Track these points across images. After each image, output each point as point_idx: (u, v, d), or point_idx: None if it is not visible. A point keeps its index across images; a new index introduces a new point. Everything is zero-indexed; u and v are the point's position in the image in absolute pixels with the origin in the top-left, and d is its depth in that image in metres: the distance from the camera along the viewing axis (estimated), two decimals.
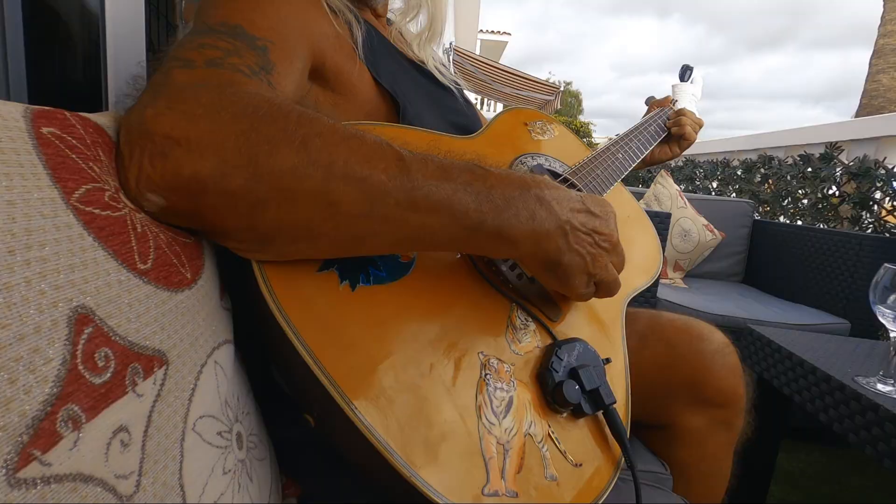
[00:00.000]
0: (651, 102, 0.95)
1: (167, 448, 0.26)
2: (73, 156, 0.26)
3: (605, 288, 0.45)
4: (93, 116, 0.31)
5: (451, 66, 0.75)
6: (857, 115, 6.61)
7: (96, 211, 0.26)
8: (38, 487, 0.18)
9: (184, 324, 0.30)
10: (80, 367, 0.21)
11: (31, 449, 0.18)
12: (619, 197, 0.70)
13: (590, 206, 0.43)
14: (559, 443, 0.41)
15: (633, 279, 0.62)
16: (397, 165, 0.33)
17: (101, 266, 0.24)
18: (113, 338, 0.23)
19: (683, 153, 0.90)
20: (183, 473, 0.27)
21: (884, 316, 0.80)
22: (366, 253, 0.37)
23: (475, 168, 0.37)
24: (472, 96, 0.73)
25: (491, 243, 0.37)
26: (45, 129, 0.25)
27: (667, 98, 0.93)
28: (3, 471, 0.17)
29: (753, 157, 2.85)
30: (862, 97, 6.66)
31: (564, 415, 0.43)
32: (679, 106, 0.91)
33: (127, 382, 0.23)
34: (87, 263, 0.23)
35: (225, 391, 0.34)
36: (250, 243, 0.33)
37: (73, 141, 0.27)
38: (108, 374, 0.22)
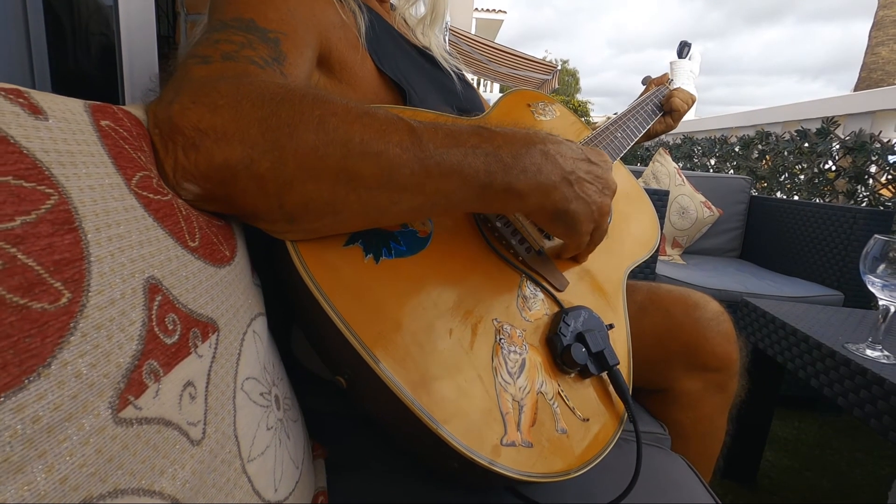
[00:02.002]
0: (648, 81, 0.97)
1: (223, 403, 0.29)
2: (126, 146, 0.29)
3: (599, 236, 0.49)
4: (131, 109, 0.34)
5: (447, 45, 0.76)
6: (857, 88, 6.56)
7: (150, 195, 0.29)
8: (134, 427, 0.21)
9: (227, 296, 0.33)
10: (156, 329, 0.24)
11: (127, 394, 0.21)
12: (617, 174, 0.73)
13: (590, 156, 0.46)
14: (568, 400, 0.45)
15: (634, 252, 0.65)
16: (409, 137, 0.35)
17: (162, 243, 0.27)
18: (177, 305, 0.26)
19: (682, 131, 0.92)
20: (237, 426, 0.30)
21: (873, 285, 0.84)
22: (388, 221, 0.40)
23: (481, 130, 0.39)
24: (469, 77, 0.76)
25: (501, 199, 0.40)
26: (103, 122, 0.27)
27: (664, 76, 0.95)
28: (110, 411, 0.20)
29: (751, 133, 2.86)
30: (861, 70, 6.60)
31: (572, 375, 0.46)
32: (677, 83, 0.93)
33: (190, 344, 0.27)
34: (151, 241, 0.26)
35: (263, 358, 0.37)
36: (279, 223, 0.36)
37: (124, 132, 0.29)
38: (177, 336, 0.25)
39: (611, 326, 0.50)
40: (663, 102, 0.89)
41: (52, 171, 0.21)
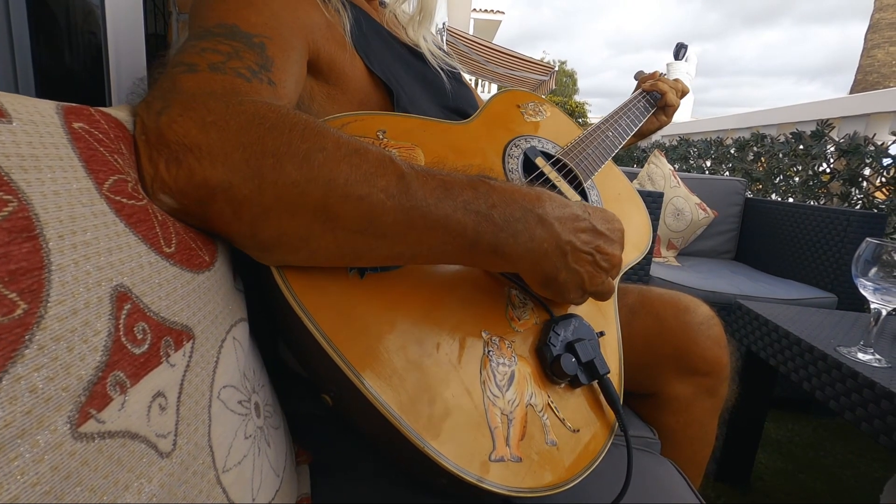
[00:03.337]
0: (641, 77, 0.95)
1: (197, 413, 0.28)
2: (101, 149, 0.28)
3: (599, 297, 0.46)
4: (111, 111, 0.33)
5: (445, 46, 0.76)
6: (852, 90, 6.59)
7: (124, 200, 0.28)
8: (96, 441, 0.21)
9: (206, 302, 0.32)
10: (123, 339, 0.23)
11: (89, 408, 0.20)
12: (609, 174, 0.72)
13: (596, 223, 0.43)
14: (558, 411, 0.44)
15: (626, 255, 0.64)
16: (397, 184, 0.34)
17: (134, 250, 0.26)
18: (148, 313, 0.26)
19: (677, 132, 0.90)
20: (211, 436, 0.29)
21: (865, 288, 0.83)
22: (364, 263, 0.38)
23: (479, 184, 0.38)
24: (466, 77, 0.75)
25: (488, 259, 0.38)
26: (75, 124, 0.27)
27: (655, 73, 0.94)
28: (68, 426, 0.19)
29: (746, 135, 2.87)
30: (857, 72, 6.64)
31: (562, 385, 0.46)
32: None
33: (161, 353, 0.26)
34: (121, 247, 0.25)
35: (243, 365, 0.36)
36: (252, 249, 0.35)
37: (100, 135, 0.29)
38: (146, 346, 0.25)
39: (601, 334, 0.50)
40: (645, 88, 0.88)
41: (11, 177, 0.20)
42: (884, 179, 1.87)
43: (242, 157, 0.31)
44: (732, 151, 2.92)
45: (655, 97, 0.88)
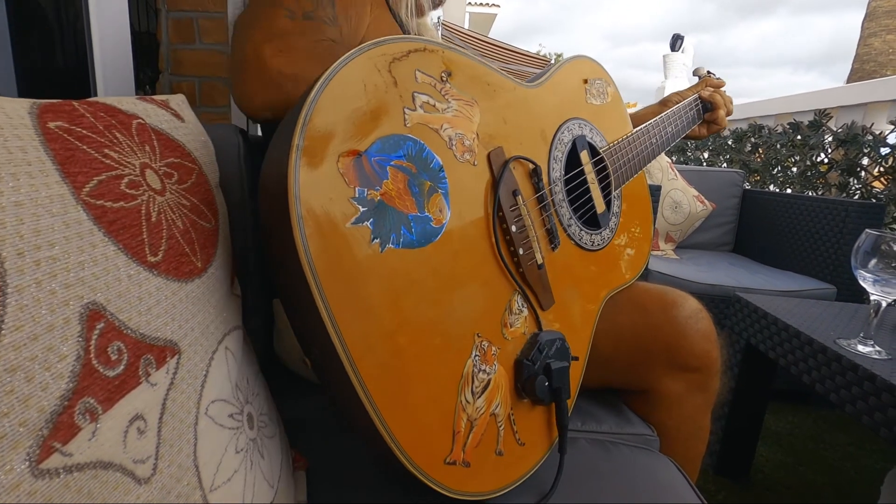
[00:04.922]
0: (703, 78, 0.88)
1: (182, 432, 0.27)
2: (84, 147, 0.26)
3: None
4: (104, 99, 0.32)
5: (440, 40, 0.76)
6: (849, 79, 6.58)
7: (108, 204, 0.26)
8: (61, 476, 0.19)
9: (194, 313, 0.31)
10: (94, 362, 0.22)
11: (52, 441, 0.19)
12: (637, 186, 0.73)
13: None
14: (514, 424, 0.45)
15: (622, 275, 0.65)
16: None
17: (111, 262, 0.25)
18: (125, 331, 0.24)
19: None
20: (197, 455, 0.28)
21: (865, 280, 0.82)
22: None
23: None
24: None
25: None
26: (51, 124, 0.25)
27: (722, 81, 0.88)
28: (27, 463, 0.18)
29: (744, 126, 2.85)
30: (854, 61, 6.62)
31: (526, 400, 0.47)
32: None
33: (140, 373, 0.24)
34: (96, 260, 0.24)
35: (235, 375, 0.35)
36: None
37: (83, 131, 0.27)
38: (122, 367, 0.23)
39: (575, 359, 0.51)
40: (704, 97, 0.84)
41: None
42: (882, 169, 1.86)
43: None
44: (730, 143, 2.90)
45: (707, 107, 0.85)
